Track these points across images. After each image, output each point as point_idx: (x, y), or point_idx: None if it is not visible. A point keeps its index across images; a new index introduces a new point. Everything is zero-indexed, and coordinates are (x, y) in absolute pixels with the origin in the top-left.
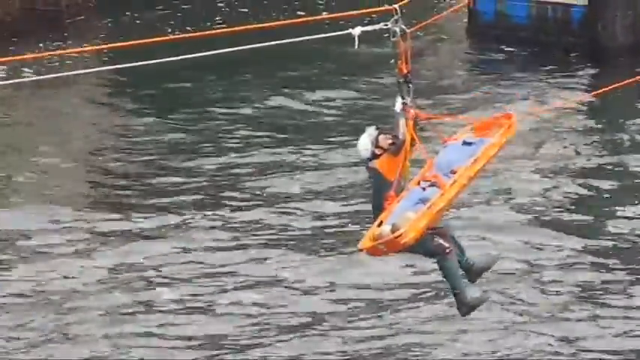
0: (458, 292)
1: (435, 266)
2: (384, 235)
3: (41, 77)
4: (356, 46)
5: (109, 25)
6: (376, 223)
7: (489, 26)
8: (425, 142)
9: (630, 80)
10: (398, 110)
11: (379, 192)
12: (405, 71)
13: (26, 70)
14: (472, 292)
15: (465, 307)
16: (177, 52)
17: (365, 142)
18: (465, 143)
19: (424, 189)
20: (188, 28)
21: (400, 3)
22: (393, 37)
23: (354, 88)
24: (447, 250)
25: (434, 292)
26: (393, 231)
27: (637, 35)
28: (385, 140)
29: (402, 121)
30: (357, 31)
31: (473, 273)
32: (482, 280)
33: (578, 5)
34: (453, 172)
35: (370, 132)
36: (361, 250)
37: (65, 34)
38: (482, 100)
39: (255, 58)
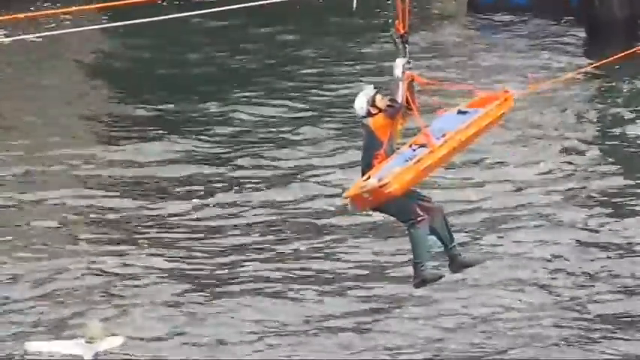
0: (418, 262)
1: None
2: (369, 185)
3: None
4: (354, 7)
5: None
6: (364, 177)
7: (489, 7)
8: (422, 110)
9: (627, 52)
10: (398, 74)
11: (369, 150)
12: (402, 31)
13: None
14: (431, 267)
15: (419, 279)
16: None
17: (361, 101)
18: (460, 112)
19: (414, 150)
20: None
21: None
22: None
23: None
24: (420, 218)
25: None
26: (379, 183)
27: (634, 9)
28: (382, 101)
29: (401, 86)
30: None
31: (456, 263)
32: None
33: None
34: (444, 136)
35: (367, 91)
36: (346, 199)
37: None
38: (482, 70)
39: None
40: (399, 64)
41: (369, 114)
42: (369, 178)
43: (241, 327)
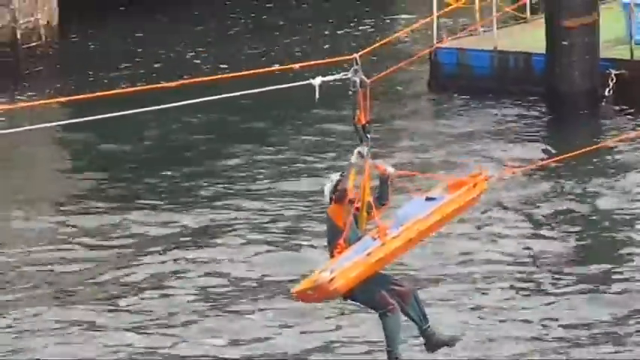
0: (390, 350)
1: None
2: (318, 281)
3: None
4: (316, 97)
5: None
6: (320, 269)
7: (452, 77)
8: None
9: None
10: (353, 161)
11: (331, 238)
12: (363, 121)
13: None
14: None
15: None
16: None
17: (326, 189)
18: (428, 199)
19: (375, 239)
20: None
21: (361, 52)
22: (353, 87)
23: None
24: (390, 307)
25: None
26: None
27: (593, 81)
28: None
29: (349, 171)
30: (317, 81)
31: (431, 343)
32: None
33: (538, 53)
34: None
35: (332, 177)
36: (294, 295)
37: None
38: (449, 155)
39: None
40: (357, 151)
41: (331, 201)
42: (323, 270)
43: None
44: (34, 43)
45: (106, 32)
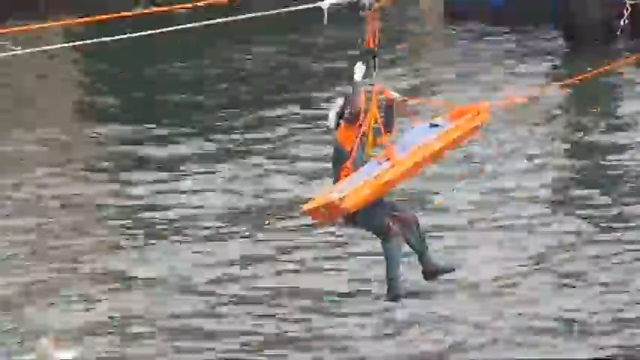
0: (392, 278)
1: None
2: (326, 200)
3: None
4: (325, 21)
5: None
6: (327, 190)
7: (466, 7)
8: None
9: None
10: (357, 79)
11: (337, 162)
12: (372, 45)
13: None
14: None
15: (392, 294)
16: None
17: (331, 113)
18: (432, 125)
19: (380, 163)
20: None
21: None
22: (362, 10)
23: None
24: (391, 232)
25: None
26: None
27: (609, 11)
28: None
29: (359, 90)
30: (326, 3)
31: (429, 271)
32: None
33: None
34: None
35: (338, 102)
36: (305, 212)
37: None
38: (458, 81)
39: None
40: (359, 67)
41: (339, 125)
42: (331, 191)
43: None
44: None
45: None
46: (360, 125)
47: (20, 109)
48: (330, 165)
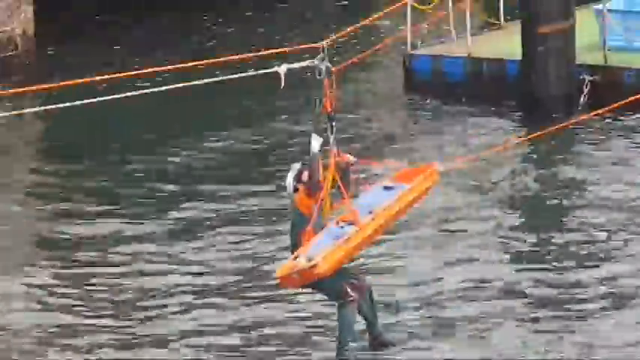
0: (343, 345)
1: None
2: (299, 266)
3: None
4: (282, 85)
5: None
6: (293, 256)
7: (426, 84)
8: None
9: (558, 126)
10: (315, 150)
11: (297, 227)
12: (329, 109)
13: None
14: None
15: (340, 357)
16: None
17: (289, 177)
18: (386, 188)
19: (342, 227)
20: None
21: (327, 40)
22: (319, 75)
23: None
24: (350, 298)
25: None
26: (308, 261)
27: (570, 87)
28: (306, 176)
29: (317, 160)
30: (282, 68)
31: (377, 342)
32: None
33: (512, 60)
34: (371, 213)
35: (294, 166)
36: (277, 279)
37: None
38: (414, 150)
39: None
40: (315, 138)
41: (296, 190)
42: (297, 256)
43: None
44: (10, 53)
45: (84, 42)
46: (319, 191)
47: None
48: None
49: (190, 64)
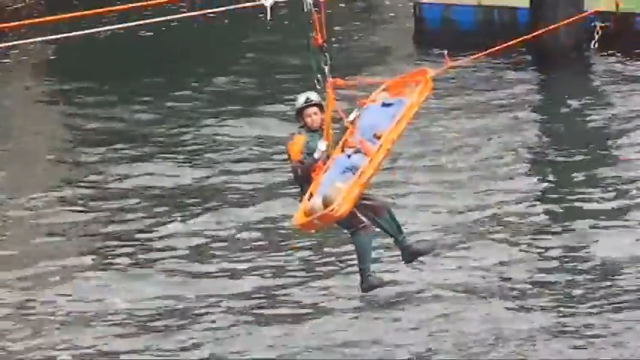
0: (364, 267)
1: None
2: (316, 209)
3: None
4: (268, 17)
5: None
6: (306, 196)
7: (436, 33)
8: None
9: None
10: (317, 157)
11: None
12: (320, 41)
13: None
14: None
15: (366, 285)
16: None
17: (301, 98)
18: (385, 104)
19: (349, 156)
20: None
21: None
22: (307, 7)
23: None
24: (362, 225)
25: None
26: (325, 204)
27: (579, 34)
28: (310, 117)
29: (316, 162)
30: (269, 1)
31: (408, 253)
32: None
33: (523, 7)
34: (377, 137)
35: (313, 97)
36: (296, 226)
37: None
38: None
39: None
40: (322, 143)
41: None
42: (311, 195)
43: None
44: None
45: None
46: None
47: None
48: None
49: None
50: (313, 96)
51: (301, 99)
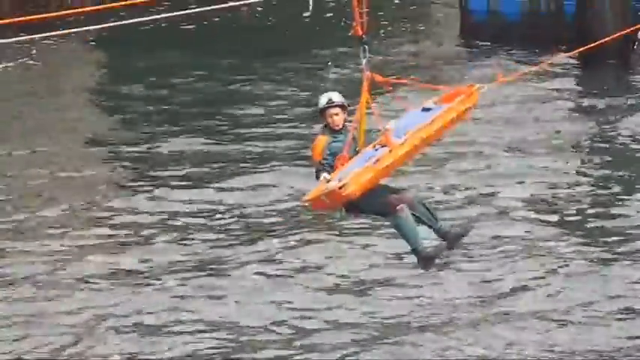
0: (415, 247)
1: None
2: (328, 188)
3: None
4: (309, 10)
5: None
6: (326, 179)
7: (482, 24)
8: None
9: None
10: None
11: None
12: (360, 33)
13: None
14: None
15: (423, 261)
16: None
17: (321, 101)
18: (425, 109)
19: (376, 149)
20: None
21: None
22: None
23: None
24: (397, 208)
25: None
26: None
27: (627, 23)
28: (330, 118)
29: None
30: None
31: (450, 239)
32: None
33: None
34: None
35: (335, 98)
36: (304, 202)
37: None
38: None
39: None
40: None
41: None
42: (329, 181)
43: None
44: None
45: None
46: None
47: None
48: None
49: None
50: (335, 97)
51: (323, 100)
